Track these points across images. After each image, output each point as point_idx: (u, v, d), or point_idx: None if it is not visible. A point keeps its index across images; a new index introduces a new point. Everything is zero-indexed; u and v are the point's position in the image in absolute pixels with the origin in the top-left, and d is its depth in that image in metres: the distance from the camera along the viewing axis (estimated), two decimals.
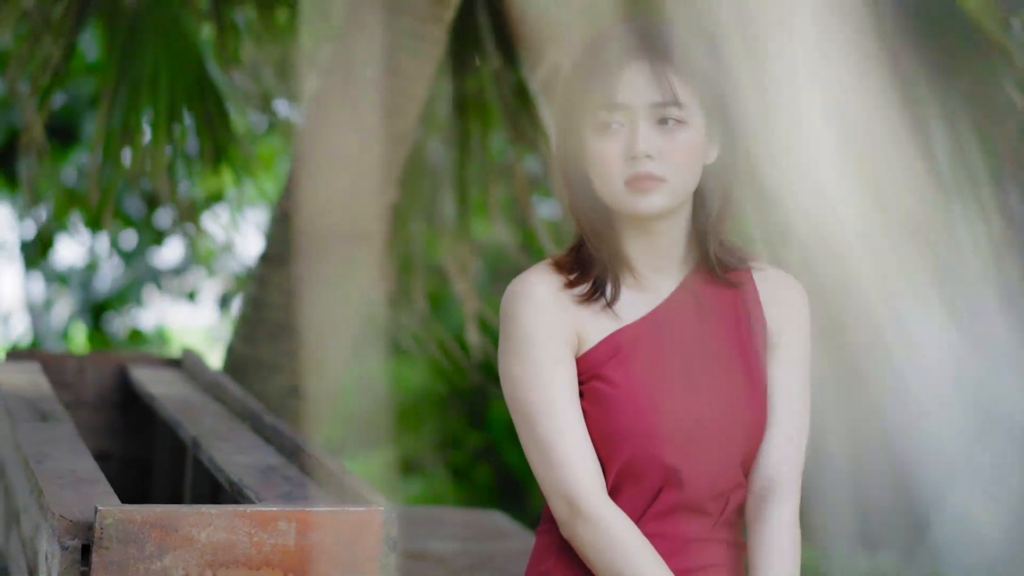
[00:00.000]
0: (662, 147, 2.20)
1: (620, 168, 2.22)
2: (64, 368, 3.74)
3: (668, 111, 2.21)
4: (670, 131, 2.21)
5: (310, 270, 3.85)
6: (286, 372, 3.87)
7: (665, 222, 2.27)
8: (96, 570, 2.13)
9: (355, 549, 2.22)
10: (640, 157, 2.20)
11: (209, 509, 2.16)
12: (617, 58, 2.23)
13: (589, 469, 2.22)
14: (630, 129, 2.21)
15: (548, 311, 2.25)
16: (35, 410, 3.02)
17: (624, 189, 2.22)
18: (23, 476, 2.66)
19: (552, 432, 2.22)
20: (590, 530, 2.20)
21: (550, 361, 2.23)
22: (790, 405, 2.31)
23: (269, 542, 2.19)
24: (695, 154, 2.23)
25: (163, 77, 3.98)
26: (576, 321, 2.25)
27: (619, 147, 2.22)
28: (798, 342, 2.34)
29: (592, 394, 2.24)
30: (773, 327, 2.33)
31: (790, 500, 2.29)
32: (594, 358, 2.25)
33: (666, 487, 2.24)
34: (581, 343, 2.26)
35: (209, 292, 10.28)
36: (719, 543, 2.29)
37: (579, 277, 2.27)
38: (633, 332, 2.26)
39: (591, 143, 2.24)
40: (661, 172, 2.21)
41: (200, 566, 2.16)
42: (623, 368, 2.24)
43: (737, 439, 2.27)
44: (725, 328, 2.30)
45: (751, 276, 2.34)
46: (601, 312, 2.27)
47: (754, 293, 2.33)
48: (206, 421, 3.04)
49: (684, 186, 2.24)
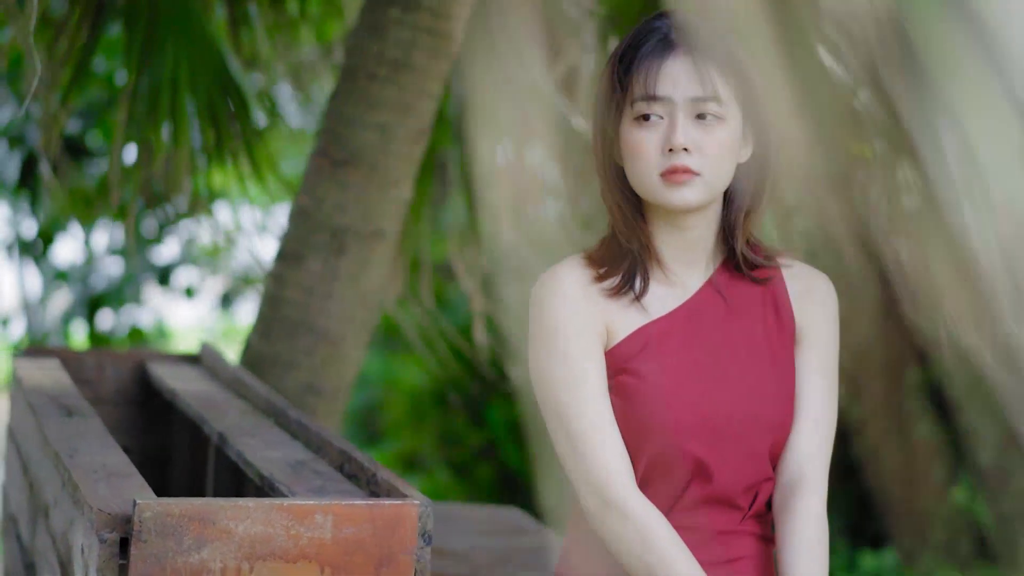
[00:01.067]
0: (699, 141, 2.23)
1: (657, 160, 2.25)
2: (83, 364, 3.75)
3: (707, 106, 2.23)
4: (708, 126, 2.24)
5: (327, 268, 3.86)
6: (303, 369, 3.88)
7: (696, 217, 2.29)
8: (134, 563, 2.14)
9: (391, 542, 2.23)
10: (677, 150, 2.23)
11: (246, 502, 2.18)
12: (658, 51, 2.25)
13: (619, 461, 2.23)
14: (669, 122, 2.23)
15: (577, 304, 2.27)
16: (60, 406, 3.03)
17: (659, 181, 2.25)
18: (53, 471, 2.67)
19: (582, 425, 2.24)
20: (620, 522, 2.22)
21: (580, 354, 2.25)
22: (817, 399, 2.34)
23: (306, 535, 2.20)
24: (730, 151, 2.25)
25: (183, 76, 3.98)
26: (605, 314, 2.28)
27: (657, 139, 2.25)
28: (826, 337, 2.36)
29: (621, 388, 2.26)
30: (801, 323, 2.35)
31: (818, 492, 2.31)
32: (623, 352, 2.27)
33: (694, 480, 2.26)
34: (610, 337, 2.28)
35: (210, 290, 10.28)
36: (747, 536, 2.32)
37: (609, 271, 2.30)
38: (662, 326, 2.28)
39: (629, 134, 2.27)
40: (697, 166, 2.23)
41: (237, 559, 2.18)
42: (652, 362, 2.26)
43: (765, 433, 2.29)
44: (753, 323, 2.33)
45: (779, 272, 2.36)
46: (630, 306, 2.29)
47: (782, 289, 2.35)
48: (230, 416, 3.05)
49: (718, 181, 2.26)
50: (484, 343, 5.05)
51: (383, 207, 3.88)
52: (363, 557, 2.22)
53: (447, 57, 3.87)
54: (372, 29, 3.85)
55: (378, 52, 3.83)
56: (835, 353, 2.36)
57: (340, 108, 3.88)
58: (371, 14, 3.85)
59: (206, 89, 4.06)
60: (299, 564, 2.20)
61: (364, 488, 2.49)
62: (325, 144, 3.89)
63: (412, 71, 3.82)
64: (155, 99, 3.99)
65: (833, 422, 2.34)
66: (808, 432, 2.32)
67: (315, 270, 3.87)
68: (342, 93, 3.89)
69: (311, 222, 3.87)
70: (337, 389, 3.92)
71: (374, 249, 3.89)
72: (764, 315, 2.33)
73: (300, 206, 3.91)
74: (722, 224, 2.32)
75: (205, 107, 4.09)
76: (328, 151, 3.88)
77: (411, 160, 3.90)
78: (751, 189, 2.31)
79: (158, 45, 3.97)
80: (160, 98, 3.98)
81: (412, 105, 3.84)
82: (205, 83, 4.08)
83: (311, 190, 3.90)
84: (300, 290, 3.87)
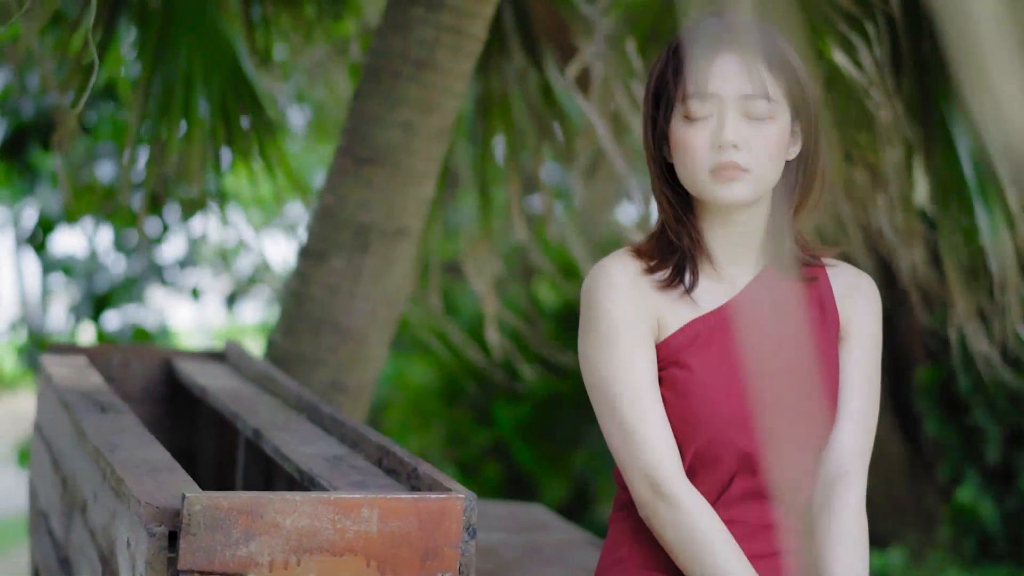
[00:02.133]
0: (748, 138, 2.25)
1: (706, 156, 2.27)
2: (109, 361, 3.76)
3: (757, 103, 2.26)
4: (757, 123, 2.27)
5: (350, 266, 3.88)
6: (328, 366, 3.89)
7: (745, 213, 2.31)
8: (183, 556, 2.15)
9: (436, 536, 2.25)
10: (727, 146, 2.25)
11: (294, 496, 2.19)
12: (709, 49, 2.28)
13: (670, 452, 2.26)
14: (718, 119, 2.26)
15: (629, 296, 2.29)
16: (94, 402, 3.05)
17: (709, 177, 2.28)
18: (92, 466, 2.69)
19: (635, 415, 2.26)
20: (670, 512, 2.24)
21: (632, 346, 2.28)
22: (859, 397, 2.37)
23: (352, 529, 2.21)
24: (779, 148, 2.28)
25: (197, 76, 4.00)
26: (656, 307, 2.30)
27: (706, 136, 2.27)
28: (869, 336, 2.39)
29: (670, 380, 2.29)
30: (845, 321, 2.38)
31: (858, 488, 2.34)
32: (673, 344, 2.29)
33: (739, 473, 2.29)
34: (661, 329, 2.30)
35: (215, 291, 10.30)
36: (789, 530, 2.34)
37: (659, 263, 2.32)
38: (712, 320, 2.31)
39: (679, 131, 2.30)
40: (746, 162, 2.26)
41: (285, 552, 2.19)
42: (701, 355, 2.29)
43: (808, 428, 2.31)
44: (798, 320, 2.35)
45: (824, 271, 2.39)
46: (680, 299, 2.32)
47: (827, 288, 2.38)
48: (263, 412, 3.07)
49: (767, 178, 2.29)
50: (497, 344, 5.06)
51: (406, 205, 3.90)
52: (408, 550, 2.24)
53: (471, 56, 3.88)
54: (396, 28, 3.86)
55: (402, 51, 3.85)
56: (878, 352, 2.39)
57: (363, 107, 3.90)
58: (395, 13, 3.87)
59: (220, 87, 4.07)
60: (345, 557, 2.22)
61: (404, 483, 2.50)
62: (349, 143, 3.91)
63: (436, 70, 3.84)
64: (168, 97, 4.00)
65: (874, 420, 2.37)
66: (849, 429, 2.35)
67: (339, 268, 3.88)
68: (365, 92, 3.90)
69: (335, 220, 3.89)
70: (361, 386, 3.94)
71: (398, 247, 3.90)
72: (810, 312, 2.36)
73: (324, 204, 3.93)
74: (771, 221, 2.34)
75: (218, 105, 4.10)
76: (352, 150, 3.89)
77: (434, 158, 3.92)
78: (799, 186, 2.34)
79: (172, 43, 3.98)
80: (173, 96, 4.00)
81: (436, 103, 3.86)
82: (219, 81, 4.09)
83: (335, 188, 3.91)
84: (324, 288, 3.89)
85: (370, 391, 3.99)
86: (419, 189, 3.91)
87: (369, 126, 3.87)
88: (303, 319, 3.91)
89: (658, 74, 2.33)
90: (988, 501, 7.26)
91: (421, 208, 3.94)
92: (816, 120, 2.32)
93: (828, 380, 2.34)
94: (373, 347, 3.94)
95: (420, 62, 3.84)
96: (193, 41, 4.01)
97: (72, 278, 9.18)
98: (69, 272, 9.12)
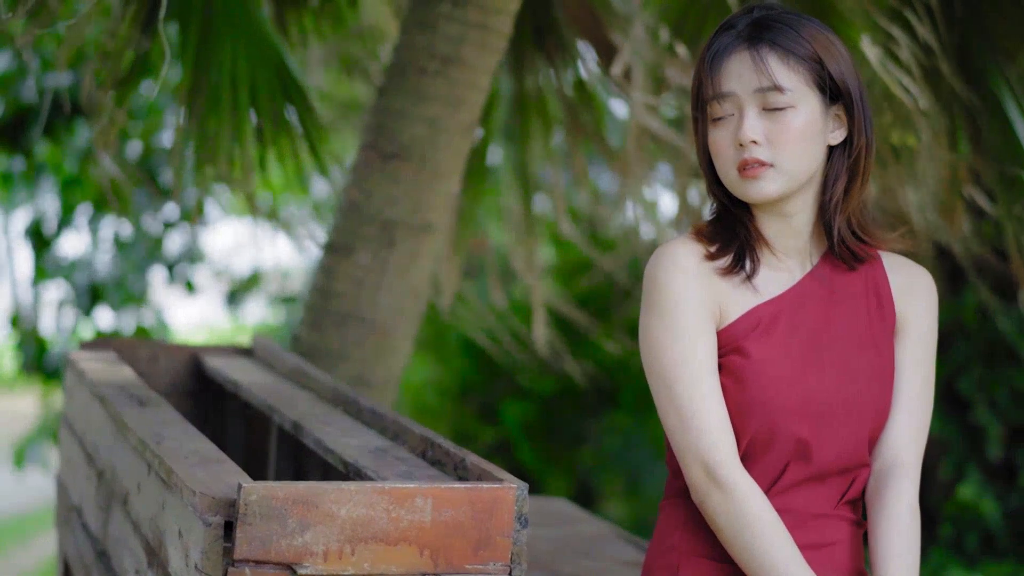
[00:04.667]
0: (768, 132, 2.27)
1: (732, 155, 2.30)
2: (137, 356, 3.77)
3: (771, 96, 2.27)
4: (777, 116, 2.27)
5: (376, 260, 3.89)
6: (353, 361, 3.90)
7: (793, 203, 2.32)
8: (239, 545, 2.16)
9: (488, 525, 2.26)
10: (746, 144, 2.27)
11: (349, 486, 2.20)
12: (724, 49, 2.30)
13: (727, 438, 2.27)
14: (738, 116, 2.28)
15: (694, 280, 2.30)
16: (130, 396, 3.06)
17: (737, 177, 2.29)
18: (136, 458, 2.69)
19: (693, 398, 2.27)
20: (724, 499, 2.25)
21: (695, 329, 2.29)
22: (914, 388, 2.38)
23: (406, 518, 2.22)
24: (806, 136, 2.28)
25: (242, 75, 3.99)
26: (719, 293, 2.31)
27: (729, 135, 2.29)
28: (925, 330, 2.40)
29: (730, 367, 2.30)
30: (901, 312, 2.39)
31: (911, 480, 2.35)
32: (735, 331, 2.31)
33: (794, 460, 2.30)
34: (722, 316, 2.31)
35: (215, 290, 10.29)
36: (841, 520, 2.35)
37: (720, 249, 2.33)
38: (772, 308, 2.32)
39: (710, 133, 2.32)
40: (768, 157, 2.27)
41: (339, 542, 2.20)
42: (761, 343, 2.30)
43: (864, 418, 2.33)
44: (855, 311, 2.37)
45: (881, 262, 2.40)
46: (741, 285, 2.33)
47: (884, 280, 2.39)
48: (300, 406, 3.08)
49: (797, 168, 2.29)
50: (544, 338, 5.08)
51: (432, 200, 3.91)
52: (462, 540, 2.25)
53: (497, 51, 3.90)
54: (422, 24, 3.87)
55: (428, 47, 3.86)
56: (933, 346, 2.41)
57: (389, 102, 3.91)
58: (421, 9, 3.88)
59: (267, 85, 4.07)
60: (399, 547, 2.23)
61: (452, 473, 2.51)
62: (374, 138, 3.92)
63: (462, 66, 3.85)
64: (216, 97, 3.99)
65: (928, 413, 2.39)
66: (904, 421, 2.36)
67: (365, 262, 3.89)
68: (391, 87, 3.92)
69: (361, 215, 3.90)
70: (387, 380, 3.95)
71: (423, 242, 3.92)
72: (867, 304, 2.37)
73: (350, 199, 3.94)
74: (819, 209, 2.35)
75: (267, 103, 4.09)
76: (378, 144, 3.91)
77: (460, 154, 3.93)
78: (845, 171, 2.34)
79: (215, 43, 3.98)
80: (220, 95, 3.98)
81: (462, 99, 3.87)
82: (265, 79, 4.08)
83: (361, 183, 3.92)
84: (350, 282, 3.90)
85: (395, 385, 4.01)
86: (445, 184, 3.93)
87: (395, 121, 3.89)
88: (328, 313, 3.92)
89: (694, 78, 2.35)
90: (990, 498, 7.28)
91: (447, 203, 3.96)
92: (860, 103, 2.32)
93: (884, 371, 2.35)
94: (399, 341, 3.95)
95: (446, 58, 3.85)
96: (237, 39, 4.00)
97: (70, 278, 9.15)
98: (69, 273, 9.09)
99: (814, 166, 2.32)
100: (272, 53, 4.04)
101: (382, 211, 3.89)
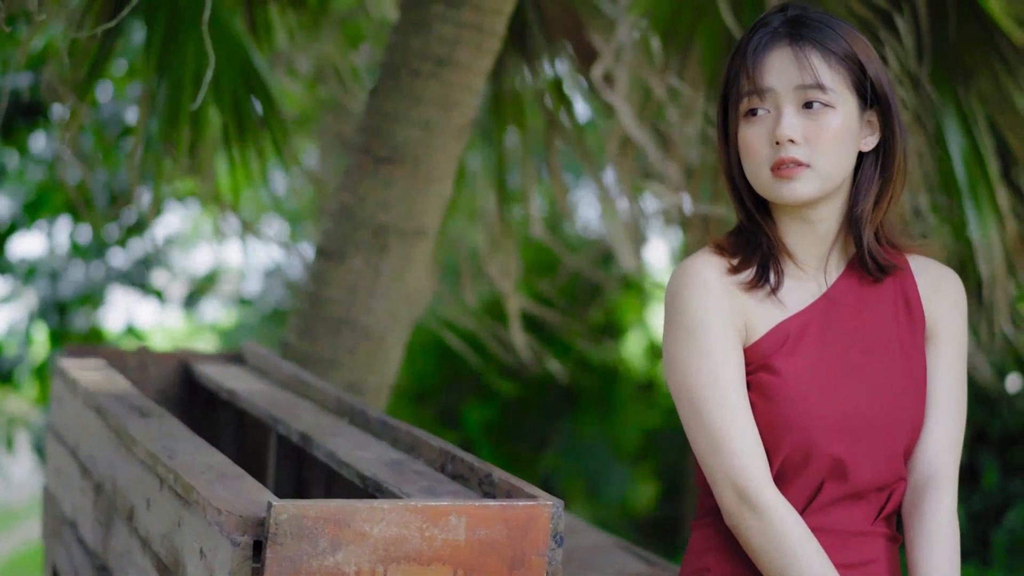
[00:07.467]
0: (807, 132, 2.20)
1: (766, 154, 2.23)
2: (125, 363, 3.67)
3: (813, 94, 2.21)
4: (816, 115, 2.21)
5: (369, 265, 3.82)
6: (345, 367, 3.83)
7: (820, 210, 2.26)
8: (269, 566, 2.09)
9: (523, 544, 2.20)
10: (783, 142, 2.20)
11: (381, 504, 2.13)
12: (763, 45, 2.24)
13: (758, 459, 2.20)
14: (775, 114, 2.22)
15: (718, 297, 2.23)
16: (130, 407, 2.97)
17: (770, 176, 2.23)
18: (144, 472, 2.61)
19: (722, 420, 2.20)
20: (758, 521, 2.19)
21: (720, 347, 2.22)
22: (948, 397, 2.32)
23: (440, 537, 2.16)
24: (843, 139, 2.22)
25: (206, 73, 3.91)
26: (744, 309, 2.25)
27: (765, 133, 2.23)
28: (956, 334, 2.35)
29: (758, 385, 2.23)
30: (931, 320, 2.33)
31: (949, 491, 2.30)
32: (763, 348, 2.24)
33: (829, 479, 2.24)
34: (749, 332, 2.25)
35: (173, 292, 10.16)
36: (878, 537, 2.30)
37: (742, 262, 2.27)
38: (800, 322, 2.26)
39: (741, 131, 2.25)
40: (806, 157, 2.21)
41: (372, 561, 2.13)
42: (791, 358, 2.23)
43: (899, 431, 2.27)
44: (884, 319, 2.31)
45: (909, 268, 2.35)
46: (766, 300, 2.26)
47: (912, 285, 2.33)
48: (304, 417, 3.00)
49: (832, 171, 2.23)
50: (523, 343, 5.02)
51: (425, 204, 3.84)
52: (496, 559, 2.19)
53: (490, 53, 3.84)
54: (415, 25, 3.80)
55: (421, 48, 3.79)
56: (964, 350, 2.35)
57: (382, 105, 3.84)
58: (414, 10, 3.81)
59: (231, 85, 3.99)
60: (433, 566, 2.16)
61: (476, 488, 2.45)
62: (367, 141, 3.84)
63: (456, 67, 3.79)
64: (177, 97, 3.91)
65: (963, 420, 2.33)
66: (939, 430, 2.31)
67: (358, 268, 3.82)
68: (384, 90, 3.84)
69: (353, 220, 3.83)
70: (379, 388, 3.88)
71: (416, 246, 3.85)
72: (895, 311, 2.31)
73: (341, 203, 3.86)
74: (848, 216, 2.30)
75: (230, 104, 4.03)
76: (370, 148, 3.83)
77: (453, 157, 3.86)
78: (877, 177, 2.29)
79: (180, 42, 3.89)
80: (183, 96, 3.90)
81: (456, 101, 3.81)
82: (230, 79, 4.01)
83: (353, 187, 3.85)
84: (342, 288, 3.83)
85: (387, 392, 3.94)
86: (438, 187, 3.86)
87: (388, 124, 3.81)
88: (320, 320, 3.84)
89: (725, 76, 2.29)
90: None
91: (440, 207, 3.89)
92: (893, 109, 2.27)
93: (917, 380, 2.30)
94: (391, 347, 3.88)
95: (441, 59, 3.78)
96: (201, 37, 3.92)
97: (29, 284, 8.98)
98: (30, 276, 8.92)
99: (847, 171, 2.26)
100: (238, 52, 3.96)
101: (375, 216, 3.81)
